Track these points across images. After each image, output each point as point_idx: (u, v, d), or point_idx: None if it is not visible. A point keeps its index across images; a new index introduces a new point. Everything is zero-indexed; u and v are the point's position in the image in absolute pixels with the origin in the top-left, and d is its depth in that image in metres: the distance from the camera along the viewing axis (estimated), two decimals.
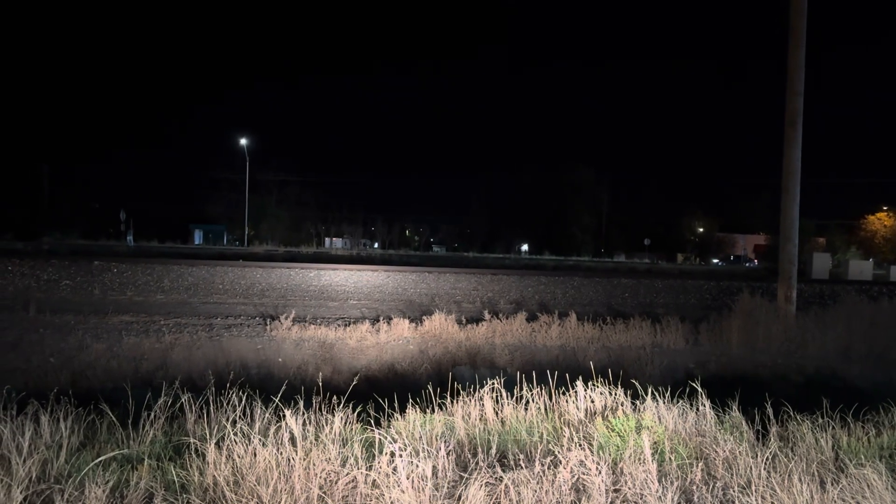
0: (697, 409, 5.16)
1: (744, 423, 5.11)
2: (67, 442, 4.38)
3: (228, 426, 4.50)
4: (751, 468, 4.24)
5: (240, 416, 4.77)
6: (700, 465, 4.29)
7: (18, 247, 29.99)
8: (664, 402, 5.16)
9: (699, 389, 5.30)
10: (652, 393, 5.27)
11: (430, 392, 5.59)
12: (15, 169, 60.88)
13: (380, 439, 4.43)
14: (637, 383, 5.57)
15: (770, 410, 5.23)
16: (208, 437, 4.33)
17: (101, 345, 10.25)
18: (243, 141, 59.53)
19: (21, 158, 60.97)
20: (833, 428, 5.04)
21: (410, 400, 5.42)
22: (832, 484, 4.04)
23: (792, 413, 5.26)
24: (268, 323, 11.52)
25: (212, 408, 5.01)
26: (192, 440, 4.40)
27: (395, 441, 4.28)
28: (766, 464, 4.27)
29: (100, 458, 4.11)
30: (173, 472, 4.06)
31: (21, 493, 3.74)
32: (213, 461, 4.12)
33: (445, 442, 4.48)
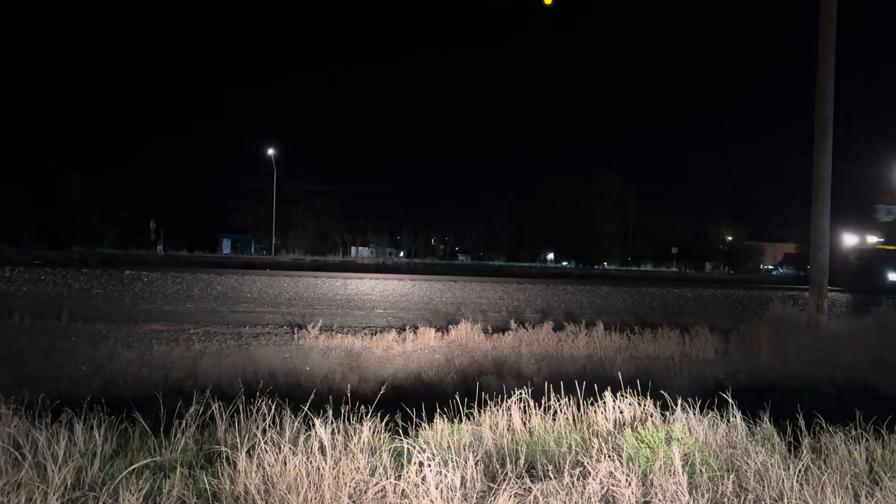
0: (728, 421, 5.11)
1: (775, 434, 5.04)
2: (101, 450, 4.45)
3: (258, 435, 4.55)
4: (783, 480, 4.19)
5: (269, 425, 4.82)
6: (731, 477, 4.25)
7: (50, 256, 30.50)
8: (694, 413, 5.11)
9: (729, 400, 5.25)
10: (681, 404, 5.22)
11: (456, 402, 5.59)
12: (46, 179, 62.02)
13: (408, 449, 4.44)
14: (666, 394, 5.53)
15: (802, 422, 5.16)
16: (239, 445, 4.38)
17: (132, 353, 10.39)
18: (271, 151, 60.12)
19: (52, 168, 62.08)
20: (866, 440, 4.96)
21: (437, 409, 5.43)
22: (866, 497, 3.99)
23: (824, 424, 5.18)
24: (295, 332, 11.60)
25: (241, 416, 5.05)
26: (223, 448, 4.44)
27: (424, 451, 4.29)
28: (798, 476, 4.22)
29: (133, 466, 4.17)
30: (205, 481, 4.10)
31: (57, 500, 3.81)
32: (244, 469, 4.16)
33: (473, 452, 4.49)
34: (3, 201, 56.65)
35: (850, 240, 23.00)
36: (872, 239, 22.79)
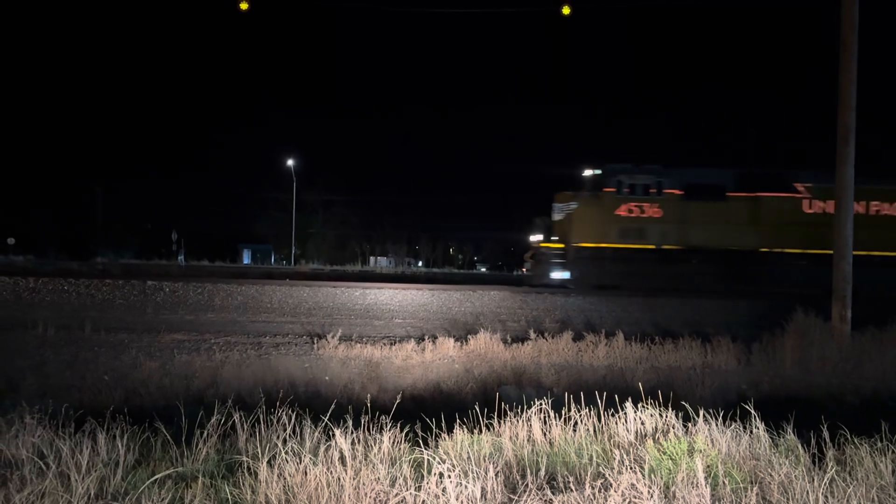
0: (751, 432, 5.05)
1: (799, 446, 4.98)
2: (123, 460, 4.48)
3: (279, 444, 4.56)
4: (807, 493, 4.13)
5: (290, 435, 4.83)
6: (755, 489, 4.20)
7: (74, 266, 30.84)
8: (717, 425, 5.06)
9: (752, 411, 5.19)
10: (704, 415, 5.18)
11: (476, 412, 5.58)
12: (70, 190, 62.80)
13: (428, 459, 4.43)
14: (688, 405, 5.49)
15: (826, 433, 5.09)
16: (260, 455, 4.39)
17: (154, 363, 10.47)
18: (290, 162, 60.47)
19: (76, 180, 62.86)
20: (893, 452, 4.88)
21: (457, 419, 5.41)
22: None
23: (849, 436, 5.10)
24: (315, 341, 11.63)
25: (262, 426, 5.07)
26: (244, 458, 4.46)
27: (444, 461, 4.28)
28: (823, 489, 4.16)
29: (155, 477, 4.19)
30: (226, 491, 4.12)
31: None
32: (265, 479, 4.17)
33: (493, 463, 4.47)
34: (28, 213, 57.49)
35: (534, 238, 23.34)
36: (538, 237, 23.05)
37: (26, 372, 10.06)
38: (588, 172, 23.03)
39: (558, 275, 22.23)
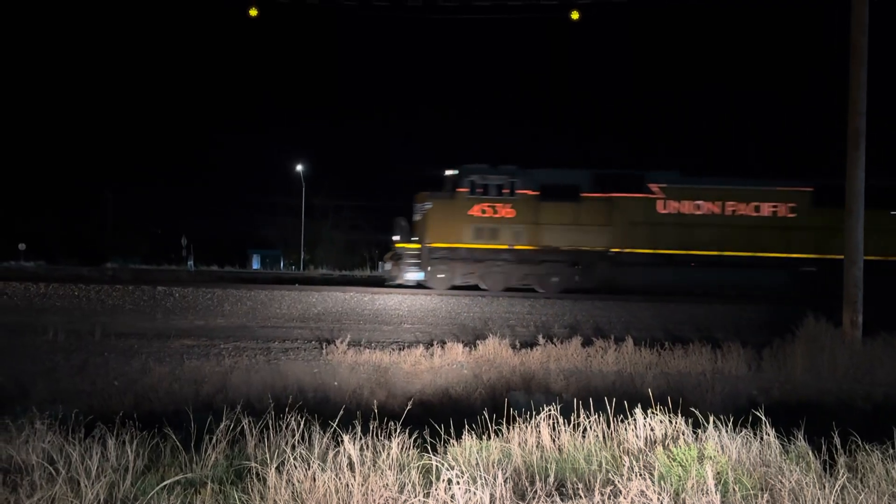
0: (761, 438, 5.02)
1: (810, 452, 4.94)
2: (133, 465, 4.49)
3: (288, 450, 4.57)
4: (818, 500, 4.11)
5: (299, 441, 4.84)
6: (765, 496, 4.17)
7: (84, 272, 31.00)
8: (727, 431, 5.04)
9: (763, 418, 5.16)
10: (713, 421, 5.15)
11: (485, 417, 5.57)
12: (81, 195, 63.10)
13: (436, 465, 4.43)
14: (697, 411, 5.46)
15: (837, 440, 5.06)
16: (269, 461, 4.40)
17: (164, 368, 10.50)
18: (299, 167, 60.60)
19: (86, 185, 63.14)
20: None
21: (466, 425, 5.40)
22: None
23: (860, 443, 5.07)
24: (323, 347, 11.64)
25: (271, 432, 5.08)
26: (252, 464, 4.47)
27: (452, 468, 4.28)
28: (834, 496, 4.13)
29: (164, 483, 4.20)
30: (235, 497, 4.13)
31: None
32: (274, 485, 4.17)
33: (502, 469, 4.46)
34: (38, 218, 57.79)
35: (394, 238, 23.52)
36: (397, 237, 23.24)
37: (36, 377, 10.11)
38: (446, 173, 23.23)
39: (413, 275, 22.53)
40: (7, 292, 18.24)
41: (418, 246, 22.49)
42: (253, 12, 14.63)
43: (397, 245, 22.87)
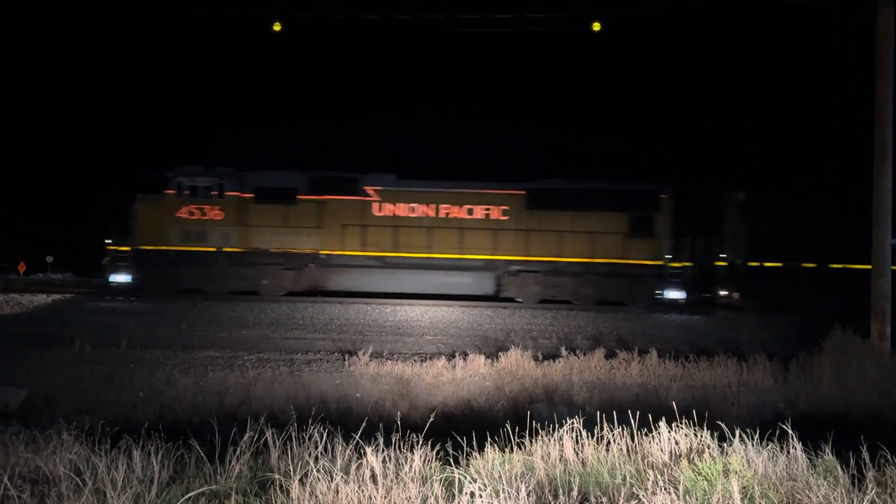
0: (788, 452, 4.95)
1: (838, 466, 4.86)
2: (158, 476, 4.52)
3: (311, 462, 4.58)
4: None
5: (321, 452, 4.85)
6: None
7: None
8: (753, 445, 4.97)
9: (789, 431, 5.09)
10: (739, 434, 5.09)
11: (507, 430, 5.55)
12: (106, 208, 63.70)
13: (459, 478, 4.42)
14: (723, 424, 5.40)
15: (866, 454, 4.97)
16: (292, 473, 4.41)
17: (188, 379, 10.58)
18: None
19: (115, 197, 63.64)
20: None
21: (488, 438, 5.38)
22: None
23: (889, 457, 4.98)
24: (346, 358, 11.67)
25: (294, 443, 5.09)
26: (276, 476, 4.48)
27: (475, 481, 4.26)
28: None
29: (189, 494, 4.23)
30: None
31: None
32: (297, 497, 4.18)
33: (525, 483, 4.43)
34: (65, 230, 58.52)
35: (108, 240, 22.78)
36: (110, 239, 22.61)
37: (62, 388, 10.23)
38: (155, 175, 22.91)
39: (121, 277, 22.11)
40: (34, 304, 18.51)
41: (127, 248, 22.16)
42: (276, 27, 14.78)
43: (109, 247, 22.44)
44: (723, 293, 22.57)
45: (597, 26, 14.53)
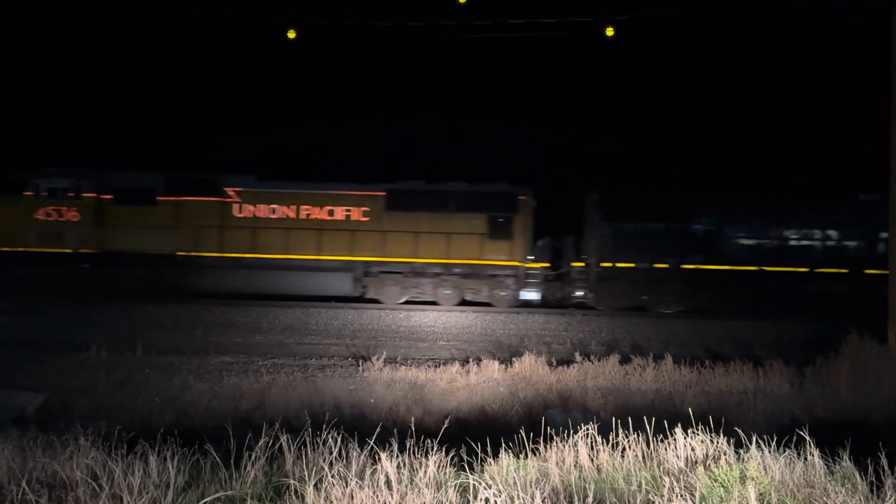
0: (805, 459, 4.91)
1: (856, 473, 4.82)
2: (174, 482, 4.55)
3: (326, 468, 4.58)
4: None
5: (336, 458, 4.85)
6: None
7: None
8: (769, 451, 4.94)
9: (806, 437, 5.05)
10: (756, 441, 5.05)
11: (521, 436, 5.53)
12: None
13: (474, 484, 4.41)
14: (739, 430, 5.36)
15: (884, 460, 4.92)
16: (307, 478, 4.42)
17: (203, 385, 10.63)
18: None
19: None
20: None
21: (502, 443, 5.37)
22: None
23: None
24: (360, 364, 11.69)
25: (309, 449, 5.10)
26: (291, 481, 4.50)
27: (490, 487, 4.26)
28: None
29: (205, 500, 4.25)
30: None
31: None
32: (312, 503, 4.19)
33: (540, 489, 4.42)
34: None
35: None
36: None
37: (79, 393, 10.31)
38: (11, 175, 22.77)
39: None
40: (52, 310, 18.65)
41: None
42: (291, 34, 14.84)
43: None
44: (578, 294, 22.48)
45: (610, 31, 14.49)
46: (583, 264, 22.42)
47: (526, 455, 5.16)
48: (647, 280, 21.85)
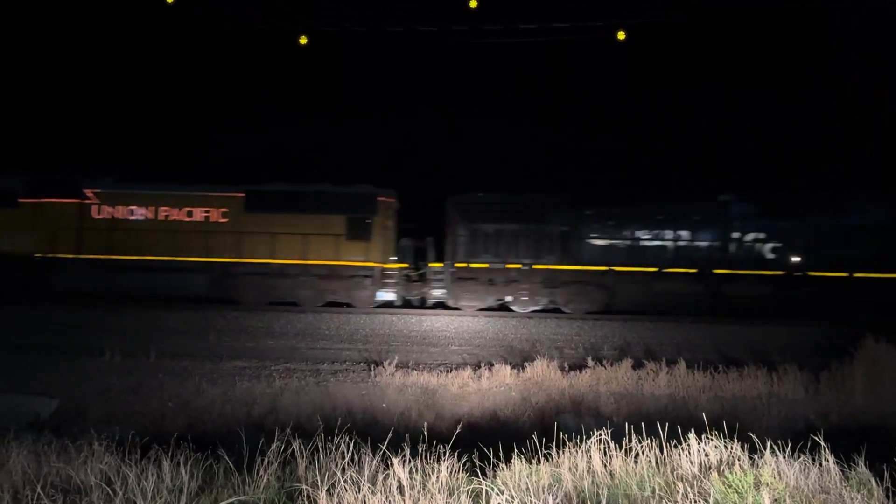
0: (820, 464, 4.87)
1: (872, 479, 4.78)
2: (187, 487, 4.57)
3: (338, 473, 4.59)
4: None
5: (348, 463, 4.86)
6: None
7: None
8: (784, 457, 4.90)
9: (821, 443, 5.01)
10: (770, 446, 5.01)
11: (534, 441, 5.52)
12: None
13: (486, 490, 4.40)
14: (754, 436, 5.32)
15: None
16: (319, 483, 4.43)
17: (216, 390, 10.67)
18: None
19: None
20: None
21: (515, 449, 5.36)
22: None
23: None
24: (371, 368, 11.70)
25: (321, 454, 5.11)
26: (303, 486, 4.50)
27: (502, 492, 4.25)
28: None
29: None
30: None
31: None
32: None
33: (553, 495, 4.41)
34: None
35: None
36: None
37: (92, 398, 10.36)
38: None
39: None
40: (65, 315, 18.76)
41: None
42: (303, 40, 14.91)
43: None
44: (436, 293, 22.65)
45: (621, 35, 14.48)
46: (441, 265, 22.65)
47: (538, 461, 5.14)
48: (503, 280, 22.16)
